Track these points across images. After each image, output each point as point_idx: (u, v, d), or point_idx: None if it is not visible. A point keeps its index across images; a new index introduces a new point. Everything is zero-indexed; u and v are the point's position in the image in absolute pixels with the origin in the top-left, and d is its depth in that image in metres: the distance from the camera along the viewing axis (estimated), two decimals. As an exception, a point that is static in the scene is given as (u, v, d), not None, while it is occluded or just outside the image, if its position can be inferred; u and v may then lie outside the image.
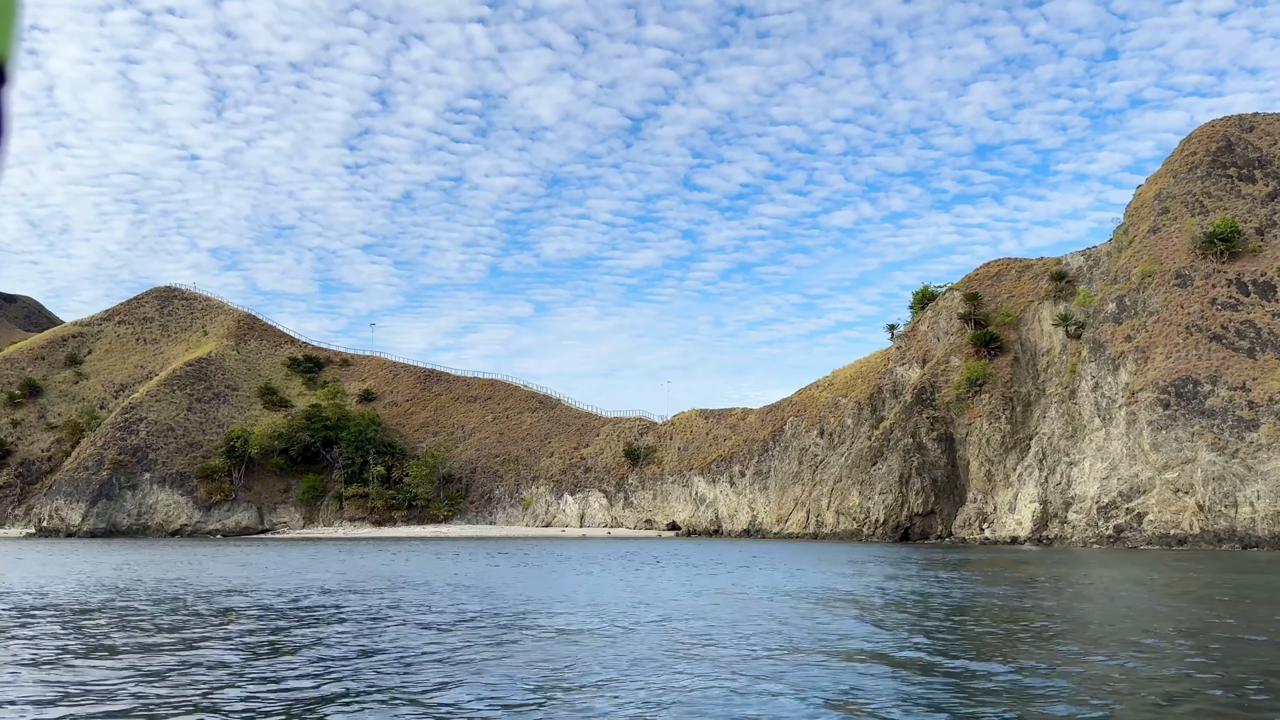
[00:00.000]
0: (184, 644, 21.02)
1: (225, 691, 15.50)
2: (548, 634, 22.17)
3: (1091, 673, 16.80)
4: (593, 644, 20.42)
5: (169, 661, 18.62)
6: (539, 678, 16.38)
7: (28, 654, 19.41)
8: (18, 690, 15.59)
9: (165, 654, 19.62)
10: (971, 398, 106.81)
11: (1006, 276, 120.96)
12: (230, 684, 16.10)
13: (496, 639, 21.53)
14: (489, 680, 16.22)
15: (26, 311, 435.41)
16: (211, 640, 21.66)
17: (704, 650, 19.49)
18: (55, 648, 20.56)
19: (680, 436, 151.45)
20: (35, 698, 15.04)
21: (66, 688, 15.90)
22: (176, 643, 21.32)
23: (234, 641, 21.49)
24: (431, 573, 47.14)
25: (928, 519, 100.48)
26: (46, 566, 54.22)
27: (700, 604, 30.00)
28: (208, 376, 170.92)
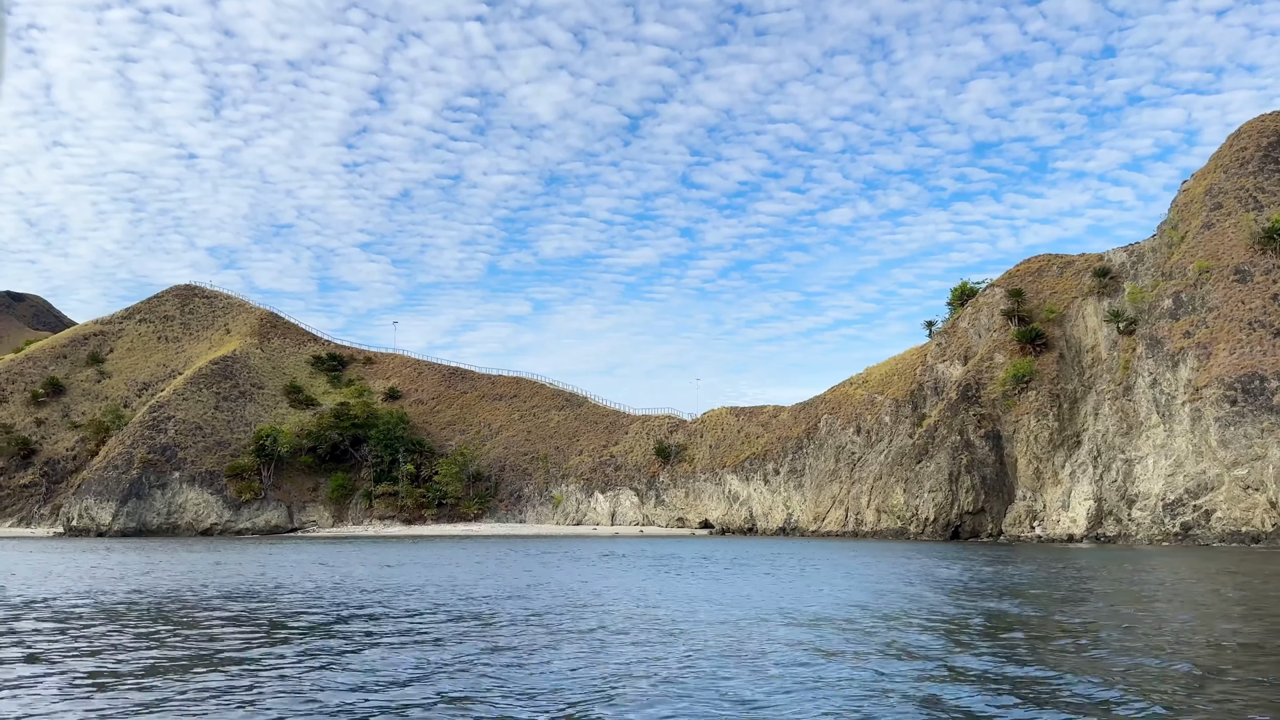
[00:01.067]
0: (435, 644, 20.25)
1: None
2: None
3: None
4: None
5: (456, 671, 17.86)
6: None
7: (310, 652, 18.64)
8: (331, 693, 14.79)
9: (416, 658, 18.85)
10: (1018, 395, 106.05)
11: (1048, 273, 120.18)
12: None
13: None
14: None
15: (35, 310, 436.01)
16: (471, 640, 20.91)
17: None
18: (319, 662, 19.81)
19: (711, 434, 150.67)
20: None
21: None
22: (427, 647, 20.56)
23: (501, 645, 20.71)
24: (551, 575, 46.41)
25: (978, 517, 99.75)
26: (123, 568, 53.43)
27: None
28: (233, 375, 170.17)
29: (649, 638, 21.86)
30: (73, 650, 20.25)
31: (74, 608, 29.60)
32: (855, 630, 23.14)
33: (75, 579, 43.22)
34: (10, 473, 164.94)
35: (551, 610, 28.18)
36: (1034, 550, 72.60)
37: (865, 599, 31.41)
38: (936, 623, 24.86)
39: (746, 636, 22.02)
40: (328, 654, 19.56)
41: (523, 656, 19.14)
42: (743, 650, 19.81)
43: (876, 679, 16.43)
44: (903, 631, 23.04)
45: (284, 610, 28.56)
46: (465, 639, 21.81)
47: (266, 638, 22.34)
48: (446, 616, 26.61)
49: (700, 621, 25.14)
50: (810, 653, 19.40)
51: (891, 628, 23.68)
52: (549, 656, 19.08)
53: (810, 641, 21.09)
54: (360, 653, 19.70)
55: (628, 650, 19.88)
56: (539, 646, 20.49)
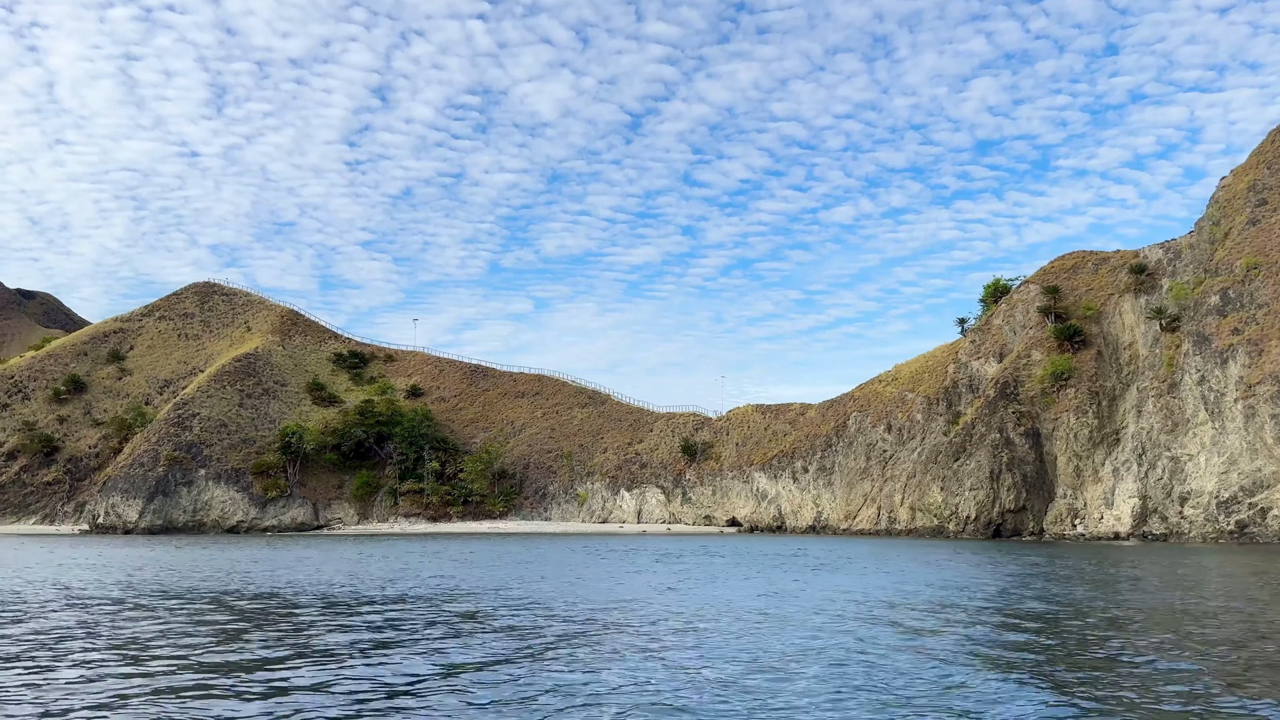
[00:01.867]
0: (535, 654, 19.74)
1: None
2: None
3: None
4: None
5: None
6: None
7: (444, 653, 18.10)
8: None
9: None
10: (1056, 392, 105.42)
11: (1082, 270, 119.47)
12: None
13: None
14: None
15: (45, 308, 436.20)
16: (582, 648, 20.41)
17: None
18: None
19: (737, 432, 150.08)
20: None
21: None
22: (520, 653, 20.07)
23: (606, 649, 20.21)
24: (619, 572, 45.92)
25: (1019, 515, 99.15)
26: (183, 564, 53.03)
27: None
28: (256, 372, 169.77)
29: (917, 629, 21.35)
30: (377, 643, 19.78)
31: (256, 600, 29.13)
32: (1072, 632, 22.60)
33: (191, 574, 42.77)
34: (33, 470, 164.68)
35: (723, 615, 27.67)
36: (1089, 550, 72.00)
37: (1039, 600, 30.85)
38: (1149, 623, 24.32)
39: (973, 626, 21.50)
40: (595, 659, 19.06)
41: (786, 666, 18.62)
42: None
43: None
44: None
45: (451, 611, 28.10)
46: (726, 654, 21.28)
47: (506, 643, 21.84)
48: (652, 622, 26.10)
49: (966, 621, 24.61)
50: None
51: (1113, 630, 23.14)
52: (818, 663, 18.57)
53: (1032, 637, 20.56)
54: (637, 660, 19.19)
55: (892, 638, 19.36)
56: (807, 652, 19.96)
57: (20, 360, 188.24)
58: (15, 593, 34.09)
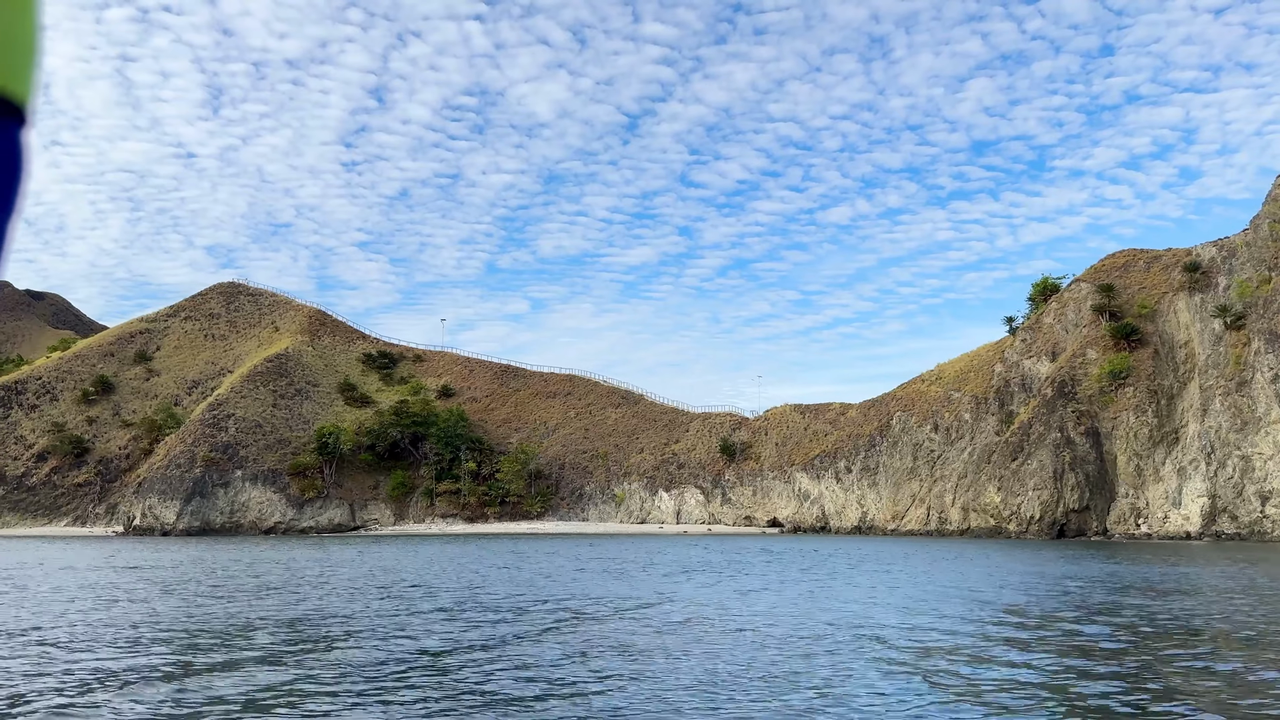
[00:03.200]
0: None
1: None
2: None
3: None
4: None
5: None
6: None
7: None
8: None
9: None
10: (1114, 391, 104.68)
11: (1134, 267, 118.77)
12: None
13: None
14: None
15: (54, 308, 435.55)
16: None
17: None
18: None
19: (776, 432, 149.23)
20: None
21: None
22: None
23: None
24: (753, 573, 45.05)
25: (1082, 515, 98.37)
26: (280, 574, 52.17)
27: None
28: (288, 372, 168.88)
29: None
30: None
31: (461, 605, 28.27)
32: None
33: (350, 576, 41.89)
34: (64, 471, 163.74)
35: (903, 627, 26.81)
36: (1174, 550, 71.16)
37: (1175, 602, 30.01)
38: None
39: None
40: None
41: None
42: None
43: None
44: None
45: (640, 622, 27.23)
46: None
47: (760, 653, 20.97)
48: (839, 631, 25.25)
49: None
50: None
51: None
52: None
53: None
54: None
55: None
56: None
57: (47, 361, 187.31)
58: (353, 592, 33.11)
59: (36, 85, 1.12)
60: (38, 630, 23.21)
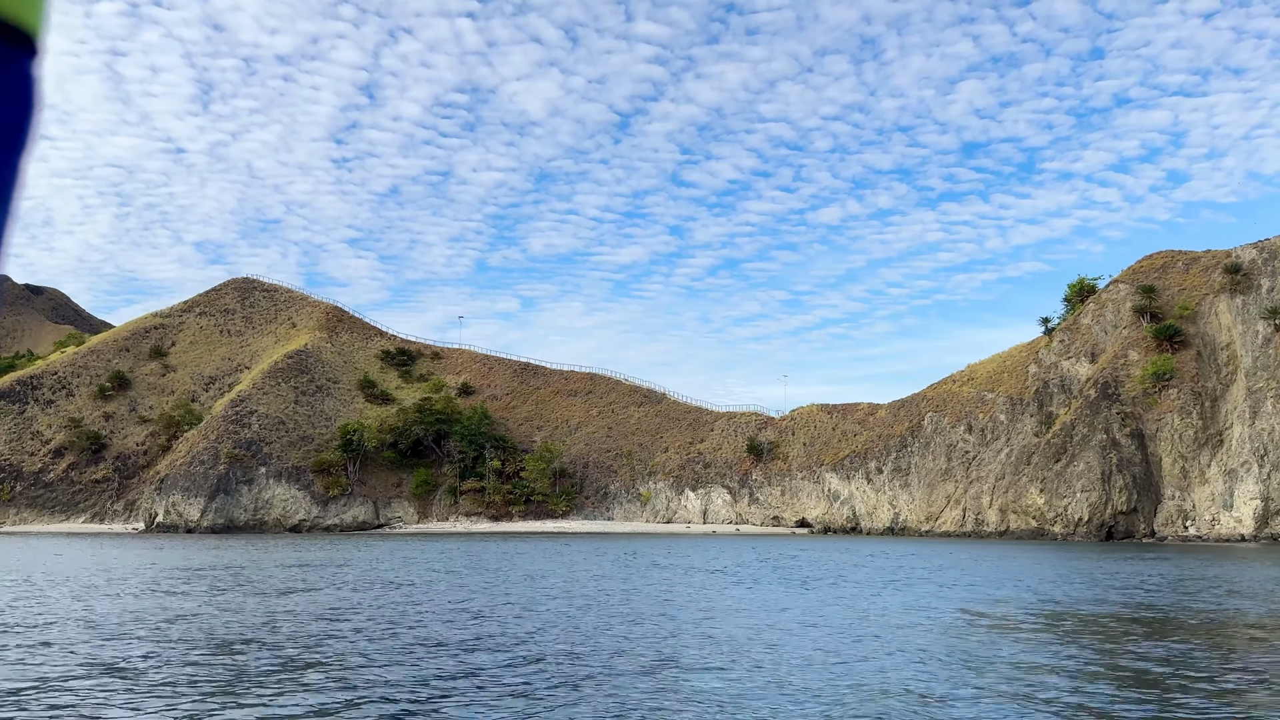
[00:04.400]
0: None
1: None
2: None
3: None
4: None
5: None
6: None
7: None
8: None
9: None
10: (1158, 392, 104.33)
11: (1172, 269, 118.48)
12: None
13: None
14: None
15: (54, 303, 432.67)
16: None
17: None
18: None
19: (803, 432, 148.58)
20: None
21: None
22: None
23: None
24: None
25: (1130, 517, 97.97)
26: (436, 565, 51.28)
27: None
28: (308, 369, 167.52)
29: None
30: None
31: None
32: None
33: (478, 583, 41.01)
34: (81, 467, 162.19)
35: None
36: (1241, 553, 70.70)
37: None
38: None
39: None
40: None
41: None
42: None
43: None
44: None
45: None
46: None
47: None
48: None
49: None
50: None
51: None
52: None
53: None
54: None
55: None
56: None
57: (61, 356, 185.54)
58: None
59: (47, 14, 1.11)
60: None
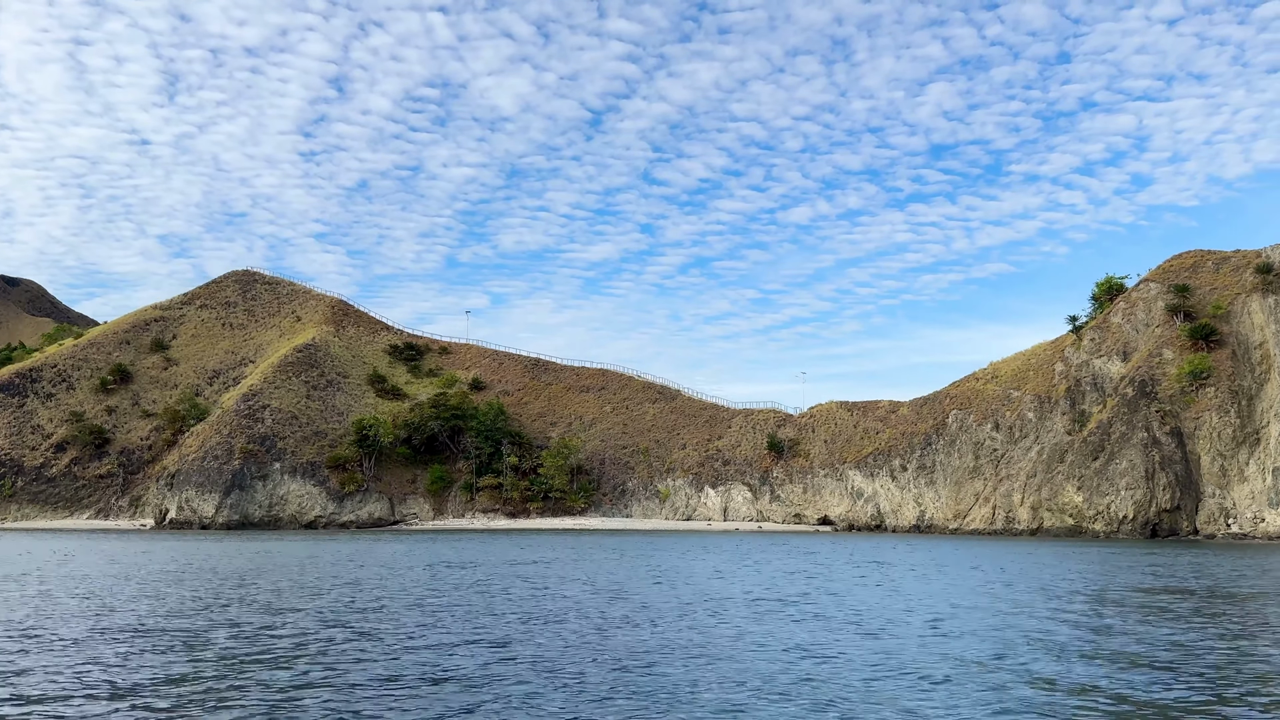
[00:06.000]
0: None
1: None
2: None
3: None
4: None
5: None
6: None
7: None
8: None
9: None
10: (1195, 391, 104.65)
11: (1203, 269, 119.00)
12: None
13: None
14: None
15: (31, 295, 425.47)
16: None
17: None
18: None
19: (823, 429, 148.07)
20: None
21: None
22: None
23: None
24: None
25: (1174, 515, 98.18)
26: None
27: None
28: (318, 363, 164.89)
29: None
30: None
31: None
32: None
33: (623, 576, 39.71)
34: (84, 462, 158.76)
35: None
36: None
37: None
38: None
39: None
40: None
41: None
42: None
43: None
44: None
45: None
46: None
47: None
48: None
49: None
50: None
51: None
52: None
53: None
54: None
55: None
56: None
57: (60, 348, 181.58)
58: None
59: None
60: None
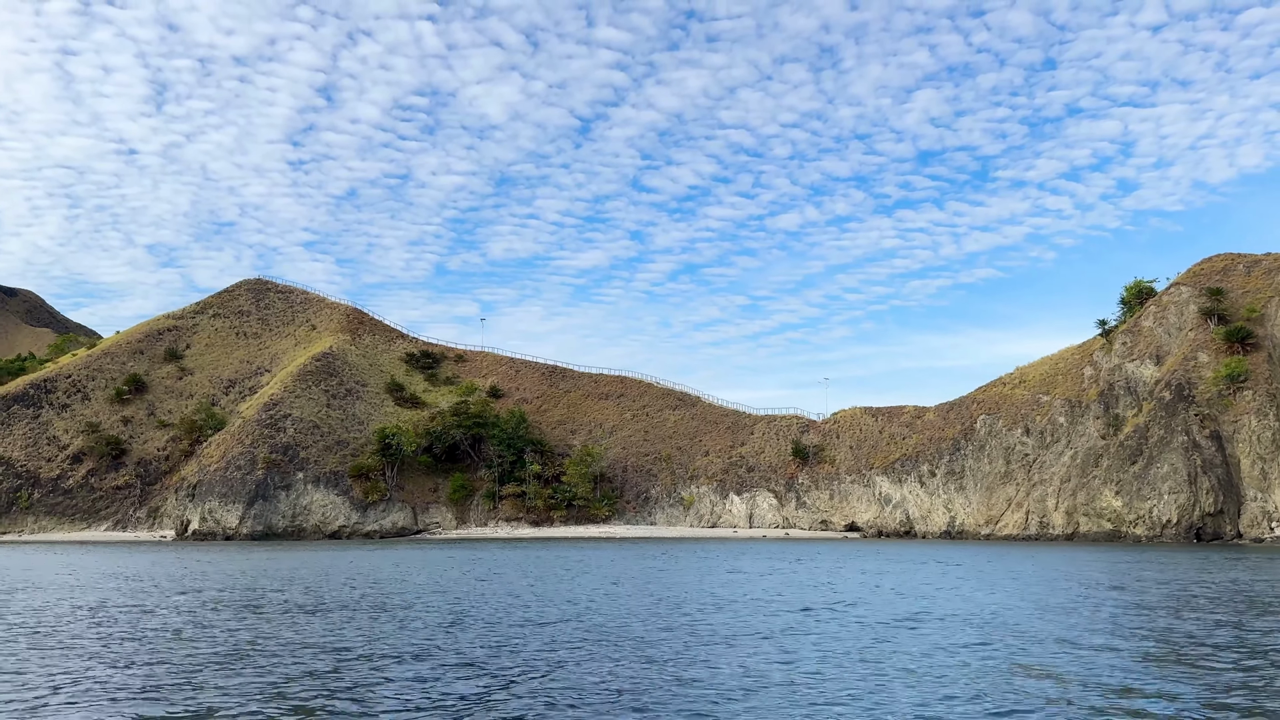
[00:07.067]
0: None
1: None
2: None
3: None
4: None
5: None
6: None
7: None
8: None
9: None
10: (1233, 394, 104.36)
11: (1234, 272, 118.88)
12: None
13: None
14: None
15: (28, 305, 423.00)
16: None
17: None
18: None
19: (848, 435, 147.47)
20: None
21: None
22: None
23: None
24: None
25: (1217, 519, 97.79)
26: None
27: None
28: (336, 372, 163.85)
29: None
30: None
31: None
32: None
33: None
34: (101, 473, 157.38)
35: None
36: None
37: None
38: None
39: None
40: None
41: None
42: None
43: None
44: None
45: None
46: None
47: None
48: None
49: None
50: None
51: None
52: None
53: None
54: None
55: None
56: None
57: (74, 358, 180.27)
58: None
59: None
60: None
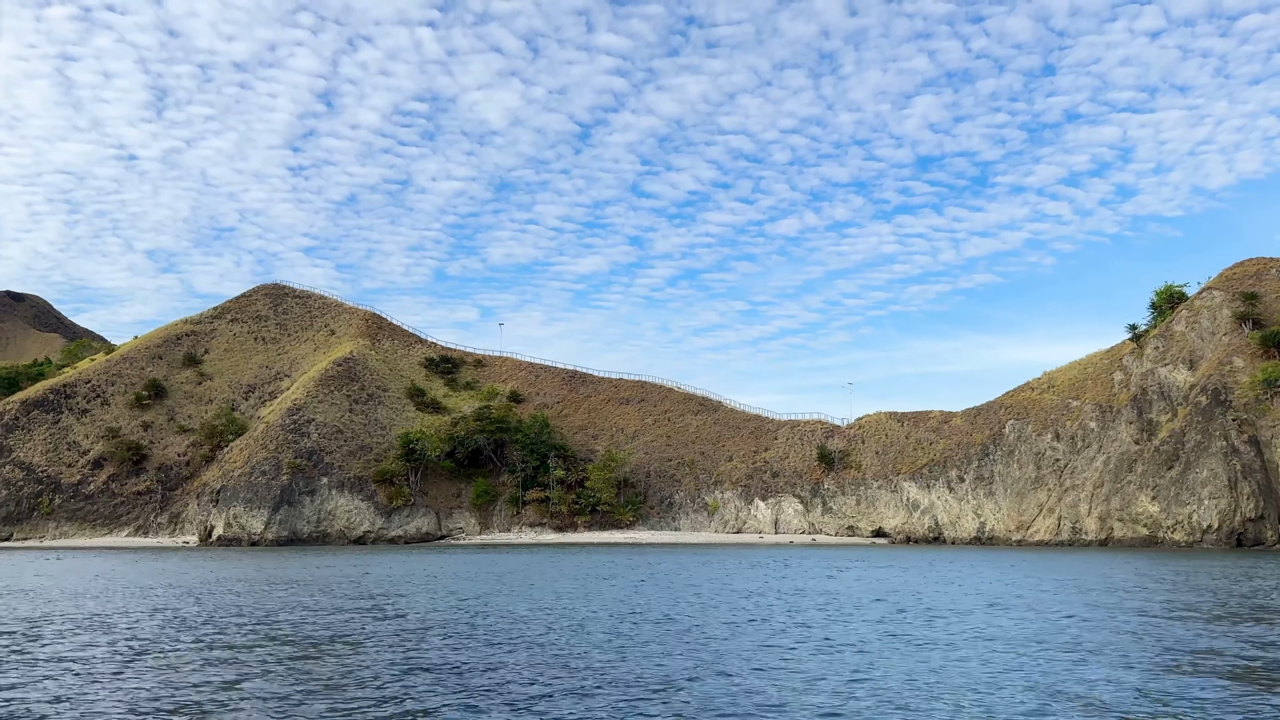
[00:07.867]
0: None
1: None
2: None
3: None
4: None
5: None
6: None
7: None
8: None
9: None
10: (1270, 399, 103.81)
11: (1267, 276, 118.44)
12: None
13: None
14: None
15: (36, 310, 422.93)
16: None
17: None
18: None
19: (874, 440, 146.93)
20: None
21: None
22: None
23: None
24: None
25: (1258, 524, 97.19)
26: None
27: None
28: (357, 377, 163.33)
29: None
30: None
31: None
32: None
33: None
34: (122, 479, 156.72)
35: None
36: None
37: None
38: None
39: None
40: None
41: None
42: None
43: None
44: None
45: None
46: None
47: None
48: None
49: None
50: None
51: None
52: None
53: None
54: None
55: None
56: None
57: (93, 364, 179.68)
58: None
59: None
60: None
